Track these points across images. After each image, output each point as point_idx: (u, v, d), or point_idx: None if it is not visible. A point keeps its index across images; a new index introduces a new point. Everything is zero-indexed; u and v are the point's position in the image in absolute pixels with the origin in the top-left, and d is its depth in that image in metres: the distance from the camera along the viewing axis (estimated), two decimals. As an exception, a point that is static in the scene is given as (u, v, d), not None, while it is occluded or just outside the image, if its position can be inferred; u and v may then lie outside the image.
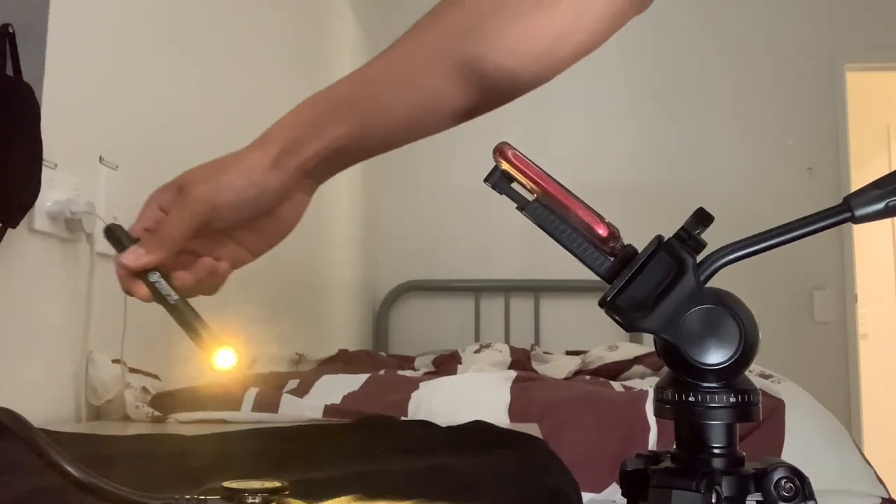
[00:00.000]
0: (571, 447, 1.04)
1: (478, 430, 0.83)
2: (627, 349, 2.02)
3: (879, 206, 0.43)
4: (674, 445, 0.46)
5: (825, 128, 3.45)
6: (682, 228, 0.44)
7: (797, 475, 0.43)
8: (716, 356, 0.43)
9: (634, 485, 0.47)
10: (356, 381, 1.29)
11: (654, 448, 0.59)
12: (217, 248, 0.65)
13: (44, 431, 0.39)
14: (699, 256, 0.44)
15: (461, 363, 2.05)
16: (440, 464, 0.65)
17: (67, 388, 1.08)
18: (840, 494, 1.17)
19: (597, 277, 0.46)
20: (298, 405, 1.11)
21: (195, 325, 0.60)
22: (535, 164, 0.47)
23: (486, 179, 0.49)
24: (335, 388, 1.23)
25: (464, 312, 3.35)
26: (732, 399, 0.43)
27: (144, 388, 1.14)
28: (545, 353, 2.25)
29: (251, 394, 1.12)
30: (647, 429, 1.11)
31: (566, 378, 1.78)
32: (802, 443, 1.18)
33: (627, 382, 1.54)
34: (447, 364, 2.06)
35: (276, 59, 2.08)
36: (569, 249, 0.46)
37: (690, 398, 0.44)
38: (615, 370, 1.88)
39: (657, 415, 0.46)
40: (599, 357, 1.99)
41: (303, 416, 1.07)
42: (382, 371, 1.78)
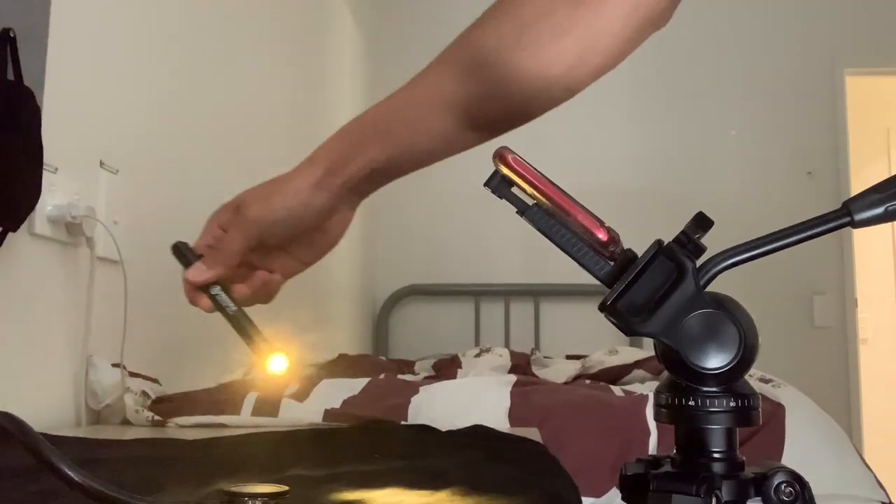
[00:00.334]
0: (571, 451, 1.04)
1: (478, 435, 0.83)
2: (627, 353, 2.01)
3: (879, 211, 0.43)
4: (674, 450, 0.46)
5: (825, 132, 3.45)
6: (682, 233, 0.45)
7: (797, 480, 0.43)
8: (716, 360, 0.43)
9: (634, 489, 0.47)
10: (356, 386, 1.28)
11: (655, 452, 0.59)
12: (271, 261, 0.71)
13: (44, 435, 0.39)
14: (699, 261, 0.44)
15: (461, 367, 2.05)
16: (440, 468, 0.65)
17: (67, 392, 1.08)
18: (840, 499, 1.17)
19: (597, 282, 0.46)
20: (298, 409, 1.11)
21: (251, 333, 0.66)
22: (535, 169, 0.47)
23: (487, 184, 0.49)
24: (335, 393, 1.22)
25: (464, 317, 3.35)
26: (732, 403, 0.43)
27: (144, 393, 1.14)
28: (545, 358, 2.25)
29: (251, 398, 1.12)
30: (648, 433, 1.11)
31: (566, 382, 1.78)
32: (802, 447, 1.18)
33: (627, 387, 1.54)
34: (447, 368, 2.06)
35: (277, 64, 2.09)
36: (569, 254, 0.46)
37: (690, 402, 0.44)
38: (615, 374, 1.88)
39: (657, 419, 0.46)
40: (599, 361, 1.99)
41: (302, 421, 1.07)
42: (382, 375, 1.78)
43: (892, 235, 4.56)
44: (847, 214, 0.43)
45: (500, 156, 0.47)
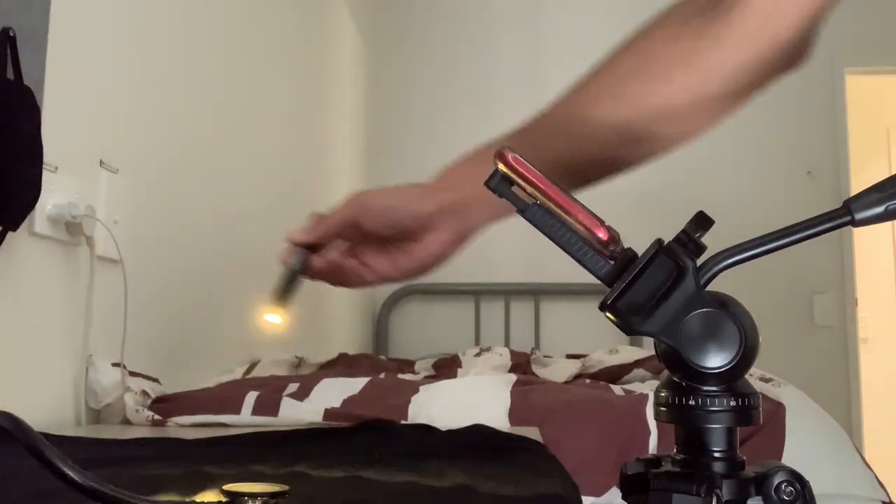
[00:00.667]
0: (572, 451, 1.04)
1: (478, 434, 0.83)
2: (628, 353, 2.01)
3: (879, 210, 0.43)
4: (674, 449, 0.46)
5: (825, 131, 3.45)
6: (682, 232, 0.44)
7: (797, 479, 0.43)
8: (716, 360, 0.43)
9: (635, 488, 0.47)
10: (356, 385, 1.28)
11: (655, 452, 0.59)
12: (371, 257, 0.77)
13: (44, 435, 0.39)
14: (699, 260, 0.44)
15: (461, 367, 2.05)
16: (440, 468, 0.65)
17: (67, 392, 1.08)
18: (840, 498, 1.17)
19: (597, 281, 0.46)
20: (298, 409, 1.11)
21: (281, 288, 0.74)
22: (536, 168, 0.47)
23: (487, 183, 0.49)
24: (335, 392, 1.22)
25: (464, 316, 3.35)
26: (733, 403, 0.43)
27: (144, 392, 1.14)
28: (545, 357, 2.25)
29: (251, 397, 1.12)
30: (648, 432, 1.11)
31: (566, 382, 1.78)
32: (803, 447, 1.18)
33: (628, 386, 1.54)
34: (447, 368, 2.05)
35: (276, 64, 2.09)
36: (569, 253, 0.46)
37: (691, 402, 0.43)
38: (615, 374, 1.87)
39: (657, 418, 0.46)
40: (600, 361, 1.99)
41: (303, 420, 1.07)
42: (382, 375, 1.78)
43: (893, 234, 4.56)
44: (847, 213, 0.43)
45: (501, 155, 0.47)
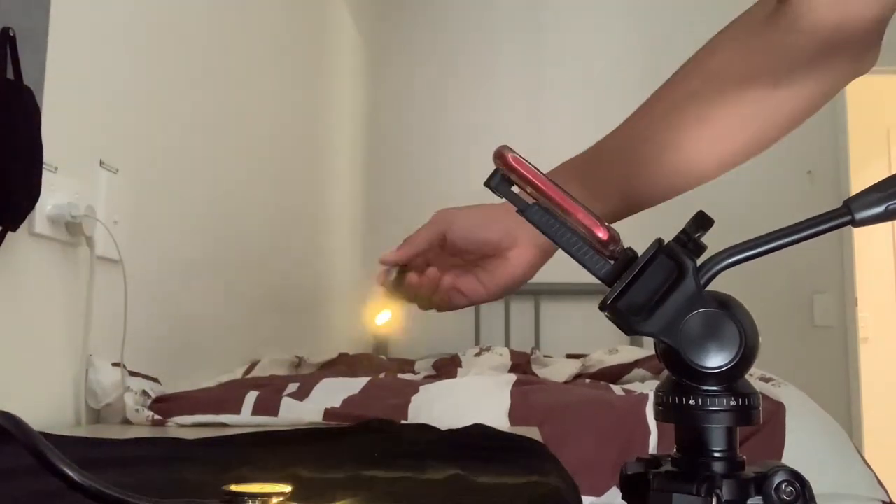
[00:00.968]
0: (572, 451, 1.04)
1: (478, 434, 0.83)
2: (628, 353, 2.01)
3: (879, 210, 0.43)
4: (674, 449, 0.46)
5: (825, 131, 3.44)
6: (682, 232, 0.44)
7: (798, 479, 0.43)
8: (716, 360, 0.43)
9: (635, 488, 0.47)
10: (356, 385, 1.28)
11: (655, 452, 0.59)
12: (460, 278, 0.78)
13: (44, 435, 0.39)
14: (699, 260, 0.44)
15: (461, 367, 2.05)
16: (440, 468, 0.65)
17: (67, 392, 1.08)
18: (841, 498, 1.17)
19: (597, 281, 0.46)
20: (298, 409, 1.11)
21: (387, 294, 0.76)
22: (535, 168, 0.47)
23: (487, 183, 0.49)
24: (335, 392, 1.22)
25: (464, 316, 3.34)
26: (733, 403, 0.43)
27: (144, 392, 1.14)
28: (545, 357, 2.25)
29: (251, 397, 1.12)
30: (648, 432, 1.11)
31: (566, 382, 1.78)
32: (803, 446, 1.18)
33: (628, 386, 1.54)
34: (447, 368, 2.05)
35: (276, 66, 2.09)
36: (569, 253, 0.46)
37: (691, 402, 0.43)
38: (615, 374, 1.87)
39: (657, 418, 0.46)
40: (600, 360, 1.99)
41: (303, 420, 1.07)
42: (382, 375, 1.78)
43: (893, 234, 4.56)
44: (847, 213, 0.43)
45: (501, 155, 0.47)
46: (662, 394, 0.45)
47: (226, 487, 0.40)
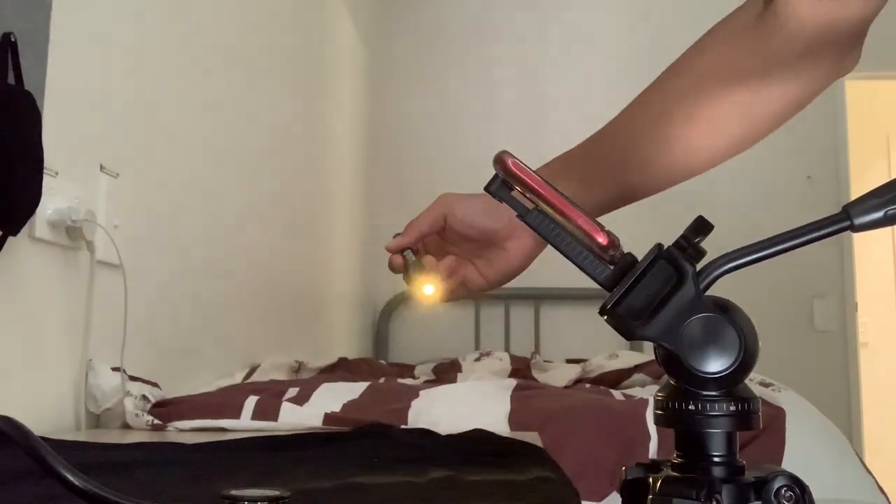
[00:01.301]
0: (572, 456, 1.04)
1: (478, 439, 0.83)
2: (628, 357, 2.01)
3: (878, 215, 0.43)
4: (674, 454, 0.46)
5: (825, 136, 3.45)
6: (682, 237, 0.45)
7: (797, 484, 0.43)
8: (716, 365, 0.43)
9: (635, 493, 0.47)
10: (356, 390, 1.28)
11: (655, 457, 0.59)
12: (461, 269, 0.80)
13: (43, 439, 0.39)
14: (699, 265, 0.44)
15: (461, 371, 2.05)
16: (440, 473, 0.65)
17: (67, 396, 1.08)
18: (840, 503, 1.17)
19: (597, 286, 0.46)
20: (298, 413, 1.11)
21: (413, 271, 0.78)
22: (535, 173, 0.47)
23: (487, 188, 0.49)
24: (335, 397, 1.22)
25: (464, 321, 3.34)
26: (732, 407, 0.43)
27: (144, 396, 1.14)
28: (545, 362, 2.25)
29: (251, 401, 1.12)
30: (648, 437, 1.11)
31: (566, 386, 1.78)
32: (803, 451, 1.18)
33: (628, 391, 1.54)
34: (447, 372, 2.05)
35: (275, 69, 2.09)
36: (569, 258, 0.46)
37: (690, 407, 0.43)
38: (615, 378, 1.88)
39: (657, 423, 0.46)
40: (600, 365, 1.99)
41: (302, 425, 1.07)
42: (382, 379, 1.78)
43: (893, 239, 4.56)
44: (847, 218, 0.43)
45: (501, 160, 0.47)
46: (662, 399, 0.45)
47: (225, 492, 0.40)
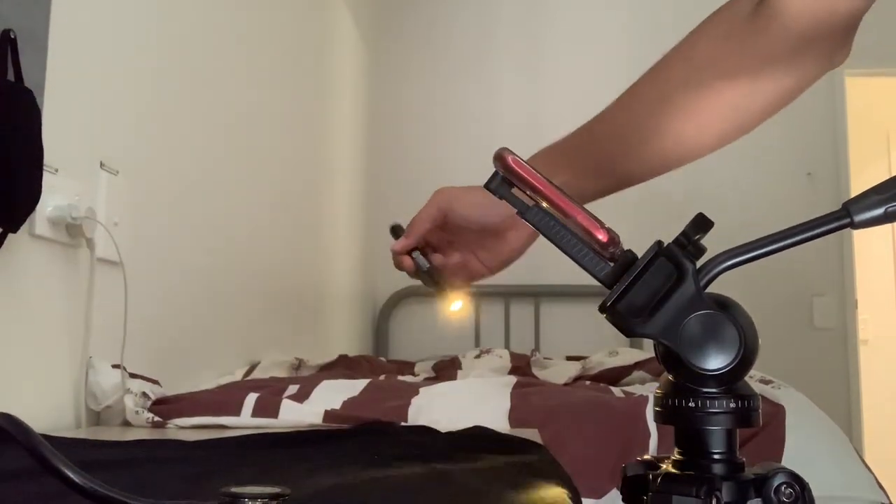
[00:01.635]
0: (572, 453, 1.04)
1: (478, 436, 0.83)
2: (628, 354, 2.01)
3: (878, 212, 0.43)
4: (674, 451, 0.46)
5: (825, 133, 3.45)
6: (682, 234, 0.45)
7: (797, 481, 0.43)
8: (716, 362, 0.43)
9: (635, 490, 0.47)
10: (356, 387, 1.28)
11: (655, 454, 0.59)
12: (464, 260, 0.81)
13: (44, 437, 0.39)
14: (699, 262, 0.44)
15: (461, 369, 2.05)
16: (440, 470, 0.65)
17: (67, 394, 1.08)
18: (840, 500, 1.17)
19: (597, 283, 0.46)
20: (298, 410, 1.11)
21: (437, 282, 0.79)
22: (535, 170, 0.47)
23: (487, 185, 0.49)
24: (335, 394, 1.22)
25: (463, 318, 3.34)
26: (732, 405, 0.43)
27: (144, 394, 1.14)
28: (545, 359, 2.25)
29: (251, 399, 1.12)
30: (648, 434, 1.11)
31: (566, 384, 1.78)
32: (802, 448, 1.18)
33: (628, 388, 1.54)
34: (447, 370, 2.05)
35: (276, 66, 2.09)
36: (569, 255, 0.46)
37: (690, 404, 0.44)
38: (615, 376, 1.87)
39: (657, 420, 0.46)
40: (600, 362, 1.99)
41: (302, 422, 1.07)
42: (382, 376, 1.78)
43: (893, 236, 4.56)
44: (847, 216, 0.43)
45: (501, 157, 0.47)
46: (662, 396, 0.45)
47: (225, 489, 0.40)
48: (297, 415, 1.09)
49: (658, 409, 0.45)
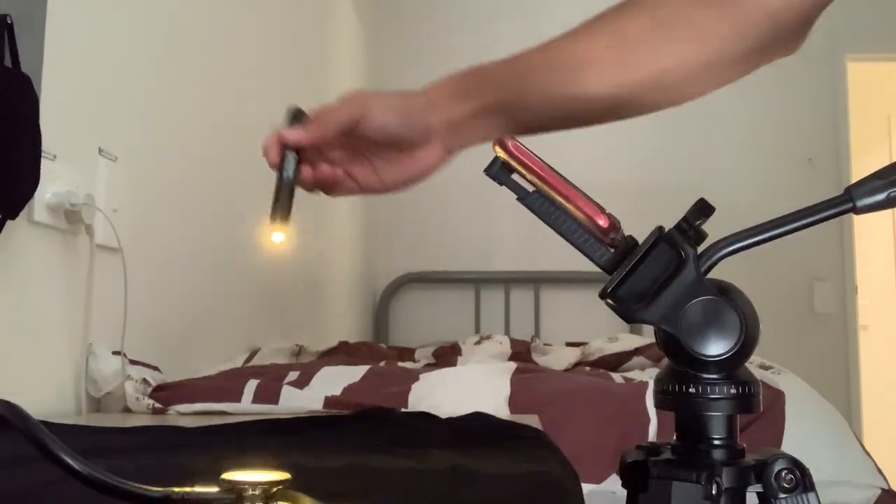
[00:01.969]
0: (571, 438, 1.04)
1: (478, 422, 0.83)
2: (628, 340, 2.01)
3: (881, 197, 0.43)
4: (674, 437, 0.46)
5: (826, 118, 3.44)
6: (683, 219, 0.44)
7: (797, 466, 0.43)
8: (716, 347, 0.43)
9: (635, 476, 0.47)
10: (356, 373, 1.29)
11: (655, 439, 0.59)
12: (354, 166, 0.73)
13: (44, 423, 0.39)
14: (700, 248, 0.44)
15: (461, 355, 2.05)
16: (440, 456, 0.65)
17: (68, 381, 1.08)
18: (840, 485, 1.17)
19: (597, 269, 0.46)
20: (299, 397, 1.11)
21: (280, 201, 0.68)
22: (535, 155, 0.47)
23: (487, 171, 0.49)
24: (335, 380, 1.23)
25: (464, 304, 3.35)
26: (733, 390, 0.43)
27: (145, 380, 1.14)
28: (545, 345, 2.25)
29: (251, 385, 1.12)
30: (648, 420, 1.11)
31: (566, 370, 1.78)
32: (802, 434, 1.18)
33: (628, 374, 1.54)
34: (447, 356, 2.06)
35: (277, 53, 2.08)
36: (569, 240, 0.46)
37: (691, 390, 0.43)
38: (615, 362, 1.88)
39: (657, 406, 0.46)
40: (600, 349, 1.99)
41: (303, 408, 1.07)
42: (383, 363, 1.78)
43: (893, 222, 4.55)
44: (849, 201, 0.43)
45: (501, 142, 0.47)
46: (662, 382, 0.45)
47: (225, 475, 0.40)
48: (298, 401, 1.09)
49: (658, 395, 0.45)
